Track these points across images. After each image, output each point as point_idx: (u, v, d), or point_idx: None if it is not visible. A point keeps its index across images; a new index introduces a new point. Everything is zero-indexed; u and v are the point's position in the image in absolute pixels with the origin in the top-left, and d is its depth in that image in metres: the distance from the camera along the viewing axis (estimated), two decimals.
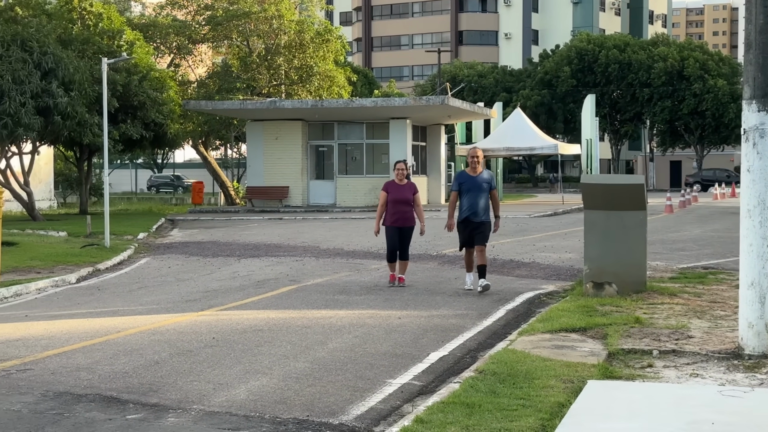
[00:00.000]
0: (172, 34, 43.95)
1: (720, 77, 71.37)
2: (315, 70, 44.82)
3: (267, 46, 45.72)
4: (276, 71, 45.69)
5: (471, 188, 13.90)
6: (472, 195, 13.88)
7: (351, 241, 23.49)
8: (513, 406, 7.21)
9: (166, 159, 76.22)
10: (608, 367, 8.58)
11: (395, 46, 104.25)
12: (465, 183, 13.98)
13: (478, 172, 13.99)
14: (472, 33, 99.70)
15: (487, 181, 14.00)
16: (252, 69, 45.63)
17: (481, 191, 13.91)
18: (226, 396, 8.09)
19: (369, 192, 39.41)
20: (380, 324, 11.60)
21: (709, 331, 10.26)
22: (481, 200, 13.92)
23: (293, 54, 45.08)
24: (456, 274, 16.71)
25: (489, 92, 76.39)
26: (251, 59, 45.74)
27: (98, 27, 35.69)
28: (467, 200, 13.90)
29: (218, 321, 11.99)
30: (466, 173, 14.11)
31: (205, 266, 18.87)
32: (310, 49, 44.76)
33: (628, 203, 12.94)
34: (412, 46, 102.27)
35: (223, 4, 45.18)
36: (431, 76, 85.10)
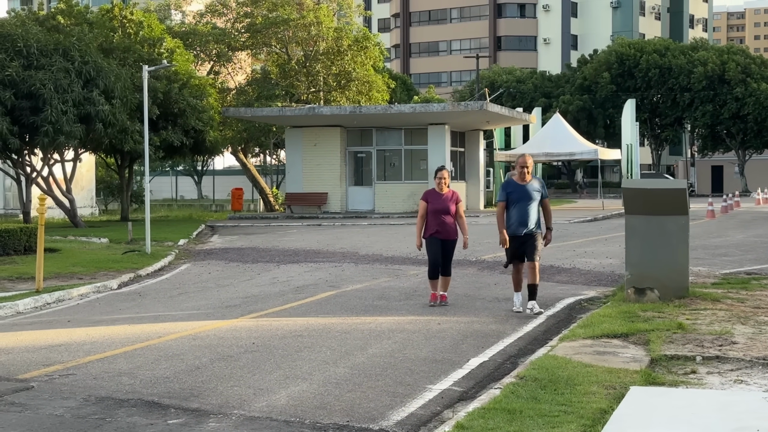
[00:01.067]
0: (211, 41, 44.26)
1: (763, 80, 70.57)
2: (353, 76, 44.92)
3: (306, 53, 45.89)
4: (314, 78, 45.85)
5: (520, 198, 12.69)
6: (522, 205, 12.68)
7: (390, 247, 23.49)
8: (554, 412, 7.15)
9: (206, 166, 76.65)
10: (651, 373, 8.49)
11: (433, 52, 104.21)
12: (513, 192, 12.74)
13: (527, 181, 12.76)
14: (511, 38, 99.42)
15: (538, 190, 12.79)
16: (291, 76, 45.83)
17: (531, 201, 12.69)
18: (266, 401, 8.11)
19: (407, 198, 39.40)
20: (420, 329, 11.57)
21: (753, 336, 10.13)
22: (532, 211, 12.70)
23: (331, 60, 45.22)
24: (495, 279, 16.65)
25: (528, 98, 76.09)
26: (290, 66, 45.94)
27: (139, 35, 36.06)
28: (516, 211, 12.70)
29: (258, 326, 12.02)
30: (514, 182, 12.86)
31: (245, 272, 18.94)
32: (348, 55, 44.87)
33: (670, 208, 12.82)
34: (450, 52, 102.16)
35: (263, 12, 45.42)
36: (469, 81, 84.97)
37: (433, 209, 13.47)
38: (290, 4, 45.44)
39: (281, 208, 44.12)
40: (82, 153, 33.64)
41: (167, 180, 76.09)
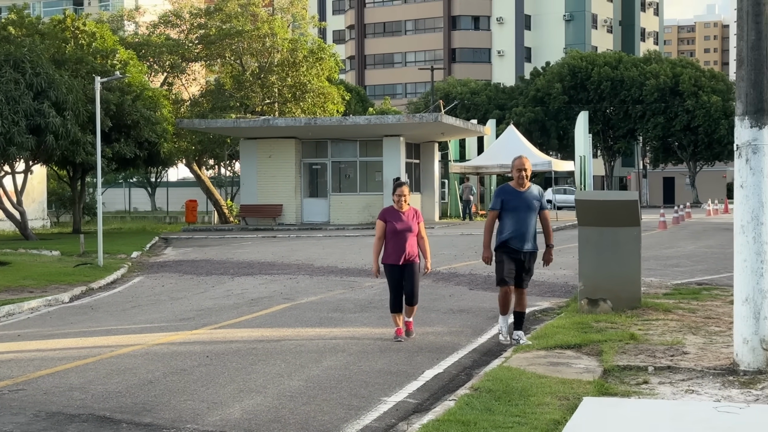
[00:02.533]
0: (165, 52, 44.01)
1: (713, 93, 71.60)
2: (308, 87, 44.91)
3: (260, 65, 45.80)
4: (269, 89, 45.75)
5: (518, 206, 10.96)
6: (519, 215, 10.97)
7: (345, 258, 23.47)
8: (508, 423, 7.18)
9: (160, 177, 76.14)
10: (604, 384, 8.56)
11: (388, 64, 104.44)
12: (510, 200, 11.00)
13: (526, 187, 11.06)
14: (465, 51, 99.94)
15: (537, 198, 11.10)
16: (245, 87, 45.70)
17: (530, 211, 10.98)
18: (220, 415, 8.05)
19: (363, 210, 39.43)
20: (375, 342, 11.57)
21: (704, 347, 10.25)
22: (531, 223, 11.03)
23: (286, 72, 45.16)
24: (450, 291, 16.69)
25: (482, 109, 76.52)
26: (244, 77, 45.81)
27: (91, 46, 35.75)
28: (512, 221, 10.98)
29: (212, 339, 11.95)
30: (510, 188, 11.11)
31: (199, 285, 18.82)
32: (303, 67, 44.85)
33: (622, 219, 12.94)
34: (405, 63, 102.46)
35: (216, 23, 45.26)
36: (424, 93, 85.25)
37: (393, 230, 11.67)
38: (244, 15, 45.33)
39: (236, 220, 43.91)
40: (33, 165, 33.25)
41: (120, 192, 75.45)
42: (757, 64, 9.06)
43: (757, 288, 8.99)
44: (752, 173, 9.02)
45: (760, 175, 9.02)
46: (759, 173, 9.02)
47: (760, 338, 8.95)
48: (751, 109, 9.05)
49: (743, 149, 9.07)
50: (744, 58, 9.11)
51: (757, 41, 9.07)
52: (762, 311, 8.97)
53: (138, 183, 76.85)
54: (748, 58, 9.09)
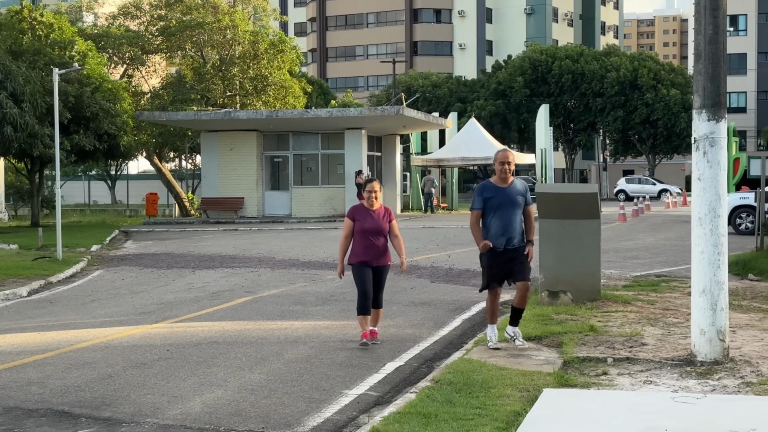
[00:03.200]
0: (125, 44, 43.64)
1: (673, 87, 72.22)
2: (270, 80, 44.74)
3: (221, 57, 45.55)
4: (230, 82, 45.53)
5: (502, 204, 10.14)
6: (504, 213, 10.13)
7: (306, 251, 23.43)
8: (469, 415, 7.21)
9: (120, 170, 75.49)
10: (563, 376, 8.62)
11: (350, 57, 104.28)
12: (494, 198, 10.15)
13: (509, 182, 10.23)
14: (427, 43, 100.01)
15: (522, 194, 10.26)
16: (206, 80, 45.44)
17: (514, 208, 10.16)
18: (180, 409, 8.01)
19: (324, 203, 39.38)
20: (336, 334, 11.57)
21: (662, 338, 10.35)
22: (516, 220, 10.19)
23: (248, 64, 44.97)
24: (412, 284, 16.72)
25: (444, 102, 76.64)
26: (205, 70, 45.55)
27: (49, 38, 35.37)
28: (497, 220, 10.13)
29: (172, 333, 11.88)
30: (492, 184, 10.27)
31: (160, 278, 18.71)
32: (264, 59, 44.68)
33: (582, 212, 13.03)
34: (367, 56, 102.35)
35: (177, 15, 44.94)
36: (386, 86, 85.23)
37: (362, 229, 10.85)
38: (205, 7, 45.05)
39: (197, 213, 43.68)
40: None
41: (80, 185, 74.77)
42: (715, 58, 9.15)
43: (715, 279, 9.09)
44: (709, 166, 9.12)
45: (717, 168, 9.12)
46: (716, 166, 9.11)
47: (717, 329, 9.06)
48: (708, 103, 9.14)
49: (701, 142, 9.16)
50: (702, 51, 9.20)
51: (715, 35, 9.16)
52: (719, 302, 9.07)
53: (98, 176, 76.21)
54: (706, 52, 9.17)
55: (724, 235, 9.18)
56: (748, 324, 11.28)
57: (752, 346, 9.79)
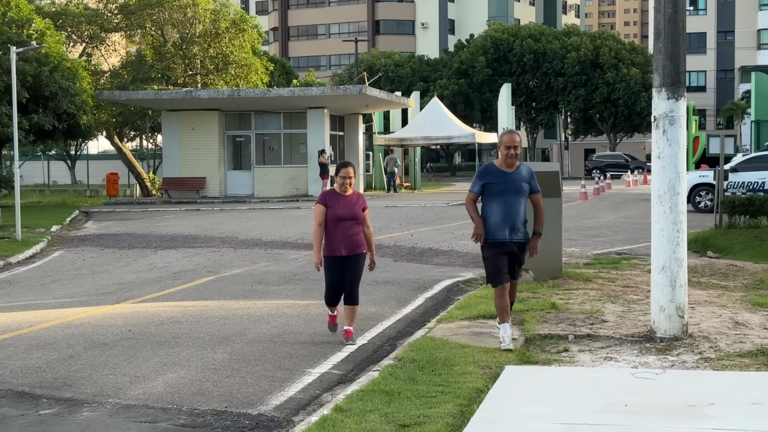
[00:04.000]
0: (83, 22, 43.06)
1: (633, 66, 72.65)
2: (231, 59, 44.43)
3: (182, 35, 45.14)
4: (191, 61, 45.15)
5: (505, 190, 9.11)
6: (507, 200, 9.11)
7: (269, 231, 23.37)
8: (432, 392, 7.25)
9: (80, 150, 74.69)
10: (525, 353, 8.69)
11: (312, 36, 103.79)
12: (496, 183, 9.12)
13: (514, 167, 9.21)
14: (389, 22, 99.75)
15: (527, 180, 9.23)
16: (167, 58, 45.02)
17: (518, 195, 9.15)
18: (142, 389, 7.99)
19: (287, 182, 39.27)
20: (299, 314, 11.57)
21: (622, 315, 10.45)
22: (520, 209, 9.20)
23: (209, 43, 44.61)
24: None
25: (406, 81, 76.58)
26: (166, 48, 45.12)
27: (6, 16, 34.82)
28: (499, 208, 9.12)
29: (134, 313, 11.82)
30: (495, 168, 9.22)
31: (121, 258, 18.59)
32: (225, 38, 44.34)
33: (544, 190, 13.05)
34: (329, 35, 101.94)
35: None
36: (348, 65, 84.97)
37: (335, 216, 9.88)
38: None
39: (158, 193, 43.38)
40: None
41: (39, 165, 73.93)
42: (674, 36, 9.21)
43: (674, 257, 9.19)
44: (669, 144, 9.19)
45: (676, 146, 9.20)
46: (675, 144, 9.19)
47: (676, 306, 9.16)
48: (668, 81, 9.21)
49: (660, 120, 9.23)
50: (661, 30, 9.25)
51: (674, 14, 9.22)
52: (678, 279, 9.18)
53: (57, 156, 75.39)
54: (666, 30, 9.23)
55: (684, 212, 9.27)
56: (707, 300, 11.42)
57: (711, 322, 9.92)
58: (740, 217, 20.23)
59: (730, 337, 9.21)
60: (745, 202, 20.25)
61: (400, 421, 6.52)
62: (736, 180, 27.48)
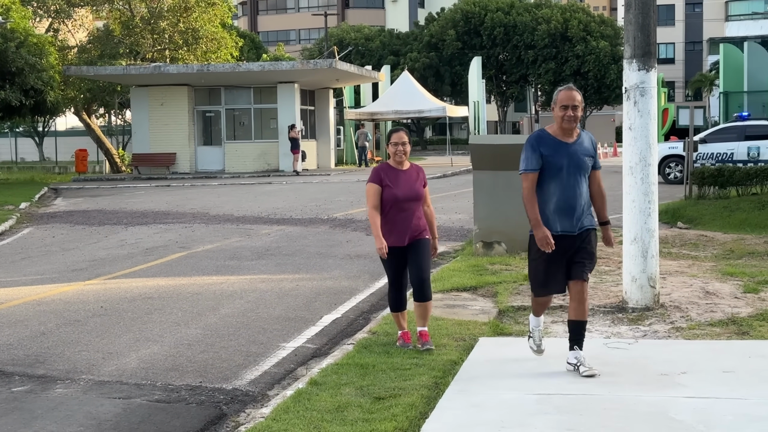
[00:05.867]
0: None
1: (603, 38, 72.79)
2: (201, 33, 44.08)
3: (150, 10, 44.70)
4: (160, 35, 44.75)
5: (565, 165, 6.91)
6: (566, 178, 6.92)
7: (241, 206, 23.29)
8: (406, 365, 7.27)
9: (48, 127, 74.00)
10: (499, 324, 8.73)
11: (281, 10, 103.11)
12: (553, 155, 6.91)
13: (575, 137, 7.01)
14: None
15: (591, 153, 7.09)
16: (135, 33, 44.58)
17: (581, 172, 6.98)
18: (116, 365, 7.96)
19: (258, 157, 39.13)
20: (272, 288, 11.55)
21: (594, 286, 10.51)
22: (584, 190, 7.05)
23: (178, 17, 44.21)
24: (347, 237, 16.72)
25: (376, 55, 76.31)
26: (134, 23, 44.66)
27: None
28: (557, 188, 6.93)
29: (106, 290, 11.76)
30: (550, 136, 6.98)
31: (92, 235, 18.46)
32: (195, 12, 43.95)
33: (516, 163, 13.09)
34: (299, 9, 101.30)
35: None
36: (318, 39, 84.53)
37: (392, 198, 7.92)
38: None
39: (128, 170, 43.08)
40: None
41: (6, 142, 73.21)
42: (645, 7, 9.22)
43: (645, 227, 9.24)
44: (640, 115, 9.22)
45: (647, 117, 9.23)
46: (647, 115, 9.23)
47: (647, 276, 9.23)
48: (638, 53, 9.22)
49: (631, 92, 9.25)
50: (632, 1, 9.26)
51: None
52: (650, 250, 9.24)
53: (25, 132, 74.68)
54: (636, 1, 9.24)
55: (655, 183, 9.32)
56: (678, 271, 11.51)
57: (682, 292, 10.00)
58: (710, 188, 20.39)
59: (701, 306, 9.29)
60: (715, 173, 20.40)
61: (375, 393, 6.54)
62: (705, 151, 27.67)
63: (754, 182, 20.68)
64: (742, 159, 27.03)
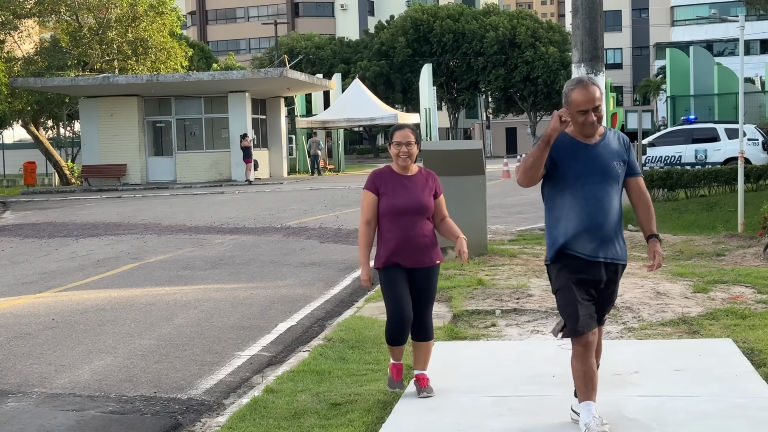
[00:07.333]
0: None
1: (551, 44, 73.44)
2: (150, 43, 43.78)
3: (98, 20, 44.31)
4: (109, 46, 44.38)
5: (584, 172, 5.53)
6: (587, 188, 5.53)
7: (193, 216, 23.16)
8: (362, 371, 7.28)
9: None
10: (453, 329, 8.76)
11: (231, 19, 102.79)
12: (569, 158, 5.54)
13: (599, 136, 5.60)
14: (308, 4, 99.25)
15: (623, 156, 5.64)
16: (83, 44, 44.16)
17: (607, 179, 5.56)
18: (69, 377, 7.87)
19: (210, 167, 38.97)
20: (227, 298, 11.50)
21: (547, 289, 10.59)
22: (613, 203, 5.63)
23: (126, 27, 43.87)
24: (301, 245, 16.70)
25: (327, 64, 76.33)
26: (82, 34, 44.25)
27: None
28: (574, 201, 5.55)
29: (57, 302, 11.63)
30: (566, 135, 5.55)
31: (41, 248, 18.24)
32: (144, 22, 43.66)
33: (467, 168, 13.19)
34: (248, 18, 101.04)
35: None
36: (269, 48, 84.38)
37: (393, 208, 6.52)
38: None
39: (78, 182, 42.65)
40: None
41: None
42: (592, 12, 9.34)
43: None
44: None
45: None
46: None
47: None
48: (586, 57, 9.34)
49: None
50: (579, 6, 9.38)
51: None
52: None
53: None
54: (583, 6, 9.36)
55: None
56: (629, 272, 11.62)
57: (633, 293, 10.11)
58: (659, 191, 20.65)
59: (652, 306, 9.40)
60: (663, 176, 20.67)
61: (332, 399, 6.54)
62: (654, 154, 28.01)
63: (702, 184, 21.00)
64: (689, 162, 27.40)
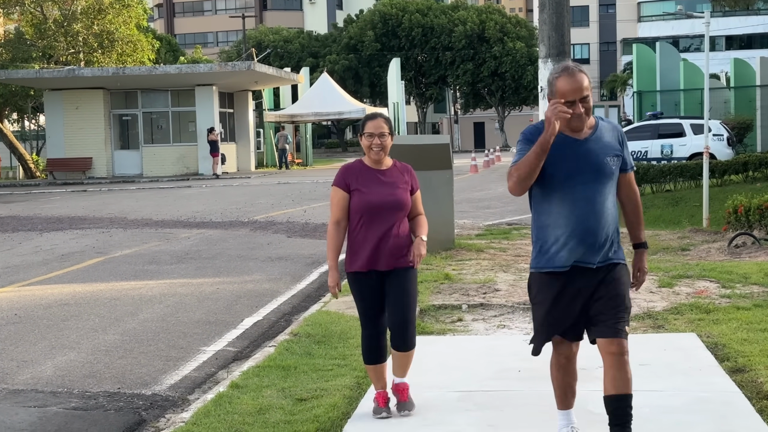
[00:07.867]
0: None
1: (519, 40, 73.66)
2: (116, 36, 43.45)
3: (63, 12, 43.92)
4: (74, 38, 43.99)
5: (574, 171, 4.85)
6: (578, 189, 4.85)
7: (159, 210, 23.01)
8: (329, 366, 7.25)
9: None
10: (420, 324, 8.74)
11: (198, 12, 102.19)
12: (556, 156, 4.84)
13: (589, 129, 4.95)
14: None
15: (615, 150, 4.93)
16: (48, 36, 43.75)
17: (600, 177, 4.86)
18: (31, 373, 7.78)
19: (177, 161, 38.74)
20: (192, 292, 11.42)
21: (514, 283, 10.62)
22: (607, 204, 4.89)
23: (91, 20, 43.51)
24: (268, 239, 16.63)
25: (295, 57, 76.11)
26: (46, 26, 43.84)
27: None
28: (563, 203, 4.91)
29: (20, 297, 11.50)
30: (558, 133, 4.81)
31: (5, 242, 18.04)
32: (109, 14, 43.33)
33: (435, 163, 13.19)
34: (216, 11, 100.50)
35: None
36: (236, 42, 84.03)
37: (364, 205, 5.89)
38: None
39: (43, 175, 42.27)
40: None
41: None
42: (558, 7, 9.35)
43: None
44: None
45: None
46: None
47: None
48: (553, 52, 9.35)
49: (547, 90, 9.36)
50: (546, 1, 9.38)
51: None
52: None
53: None
54: (550, 1, 9.36)
55: None
56: None
57: None
58: None
59: None
60: None
61: (297, 395, 6.51)
62: None
63: (668, 179, 21.13)
64: (656, 157, 27.58)
